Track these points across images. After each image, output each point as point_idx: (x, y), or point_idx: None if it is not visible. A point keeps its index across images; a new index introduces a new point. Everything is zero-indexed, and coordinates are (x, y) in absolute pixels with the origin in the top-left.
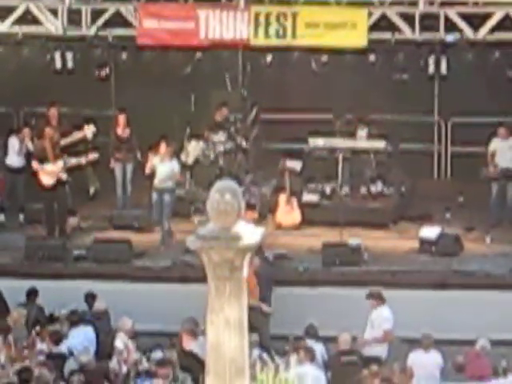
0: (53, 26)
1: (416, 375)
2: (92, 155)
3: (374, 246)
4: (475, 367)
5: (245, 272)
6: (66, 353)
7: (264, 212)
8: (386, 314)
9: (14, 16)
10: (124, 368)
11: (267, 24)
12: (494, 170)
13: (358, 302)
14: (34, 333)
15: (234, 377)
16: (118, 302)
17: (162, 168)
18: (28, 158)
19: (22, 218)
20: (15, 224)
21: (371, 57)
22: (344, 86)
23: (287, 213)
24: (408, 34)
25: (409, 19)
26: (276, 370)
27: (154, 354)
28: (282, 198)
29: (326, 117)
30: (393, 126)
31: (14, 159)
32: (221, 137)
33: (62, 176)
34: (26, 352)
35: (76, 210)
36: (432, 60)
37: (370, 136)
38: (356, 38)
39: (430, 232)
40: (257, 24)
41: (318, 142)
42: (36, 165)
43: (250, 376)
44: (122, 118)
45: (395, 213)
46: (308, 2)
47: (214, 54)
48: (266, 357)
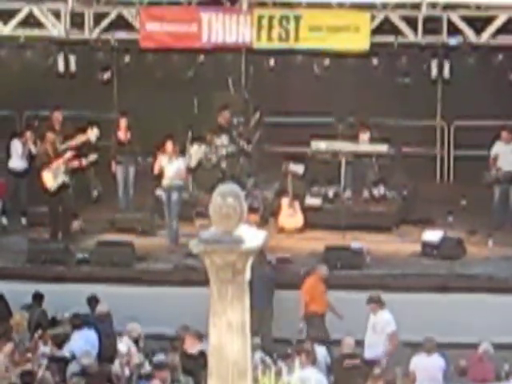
0: (55, 30)
1: (419, 379)
2: (92, 156)
3: (377, 249)
4: (478, 371)
5: (247, 275)
6: (69, 356)
7: (266, 215)
8: (387, 317)
9: (17, 19)
10: (127, 371)
11: (270, 27)
12: (496, 174)
13: (361, 306)
14: (36, 336)
15: (237, 380)
16: (121, 305)
17: (170, 167)
18: (30, 161)
19: (24, 221)
20: (18, 227)
21: (374, 60)
22: (346, 89)
23: (290, 216)
24: (411, 37)
25: (412, 23)
26: (278, 374)
27: (156, 358)
28: (285, 201)
29: (328, 120)
30: (395, 130)
31: (16, 162)
32: (223, 140)
33: (65, 179)
34: (28, 355)
35: (78, 214)
36: (435, 63)
37: (372, 139)
38: (359, 42)
39: (433, 235)
40: (259, 27)
41: (320, 146)
42: (39, 169)
43: (252, 379)
44: (123, 122)
45: (397, 216)
46: (311, 6)
47: (217, 57)
48: (268, 360)
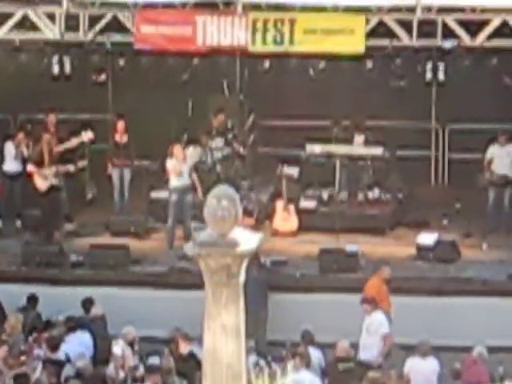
0: (50, 32)
1: (413, 382)
2: (81, 163)
3: (371, 252)
4: (472, 374)
5: (242, 278)
6: (63, 359)
7: (261, 218)
8: (380, 318)
9: (12, 22)
10: (121, 374)
11: (265, 30)
12: (491, 177)
13: (355, 309)
14: (30, 339)
15: (231, 382)
16: (115, 308)
17: (184, 168)
18: (24, 164)
19: (19, 223)
20: (12, 230)
21: (369, 63)
22: (341, 92)
23: (284, 219)
24: (405, 40)
25: (406, 26)
26: (272, 377)
27: (151, 360)
28: (280, 204)
29: (323, 123)
30: (390, 133)
31: (10, 165)
32: (218, 143)
33: (55, 181)
34: (22, 358)
35: (73, 216)
36: (429, 66)
37: (367, 142)
38: (353, 45)
39: (427, 238)
40: (254, 30)
41: (315, 149)
42: (31, 168)
43: (246, 382)
44: (120, 125)
45: (392, 219)
46: (305, 9)
47: (212, 60)
48: (262, 363)
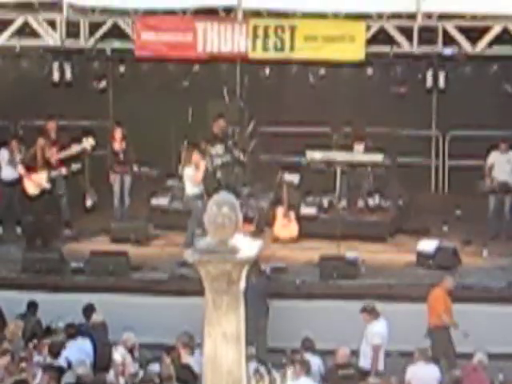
0: (51, 39)
1: None
2: (74, 166)
3: (372, 259)
4: (472, 381)
5: (242, 285)
6: (64, 365)
7: (261, 225)
8: (376, 329)
9: (13, 29)
10: (121, 381)
11: (265, 37)
12: (491, 184)
13: (355, 315)
14: (30, 345)
15: None
16: (116, 315)
17: (200, 175)
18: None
19: (19, 230)
20: (12, 236)
21: (369, 70)
22: (342, 99)
23: (285, 226)
24: (406, 47)
25: (407, 32)
26: (272, 383)
27: (151, 367)
28: (280, 210)
29: (323, 130)
30: (390, 140)
31: (6, 172)
32: (218, 150)
33: (47, 186)
34: (22, 365)
35: (73, 223)
36: (430, 73)
37: (367, 149)
38: (354, 52)
39: (428, 245)
40: (255, 37)
41: (315, 155)
42: (21, 171)
43: None
44: (118, 133)
45: (393, 226)
46: (306, 15)
47: (212, 67)
48: (262, 370)
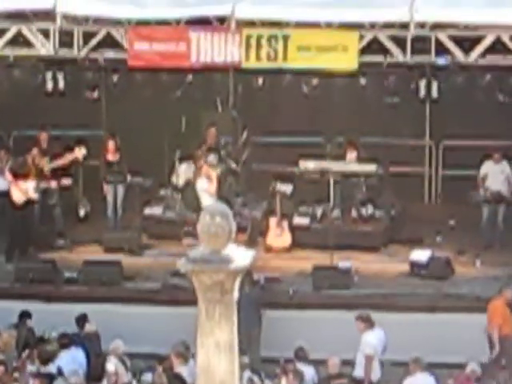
0: (44, 48)
1: None
2: (65, 180)
3: (365, 269)
4: None
5: (235, 294)
6: (55, 373)
7: (254, 235)
8: (369, 339)
9: (6, 38)
10: None
11: (258, 47)
12: (484, 194)
13: (349, 325)
14: (23, 355)
15: None
16: (109, 325)
17: (212, 187)
18: None
19: None
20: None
21: (362, 80)
22: (335, 109)
23: (278, 236)
24: (399, 57)
25: (400, 42)
26: None
27: (144, 377)
28: (273, 220)
29: (316, 140)
30: (384, 149)
31: None
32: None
33: (34, 196)
34: (15, 374)
35: (66, 233)
36: (423, 83)
37: (360, 159)
38: (347, 61)
39: (421, 255)
40: (248, 47)
41: (308, 165)
42: (8, 177)
43: None
44: (111, 144)
45: (386, 236)
46: (299, 25)
47: (205, 77)
48: (256, 379)
